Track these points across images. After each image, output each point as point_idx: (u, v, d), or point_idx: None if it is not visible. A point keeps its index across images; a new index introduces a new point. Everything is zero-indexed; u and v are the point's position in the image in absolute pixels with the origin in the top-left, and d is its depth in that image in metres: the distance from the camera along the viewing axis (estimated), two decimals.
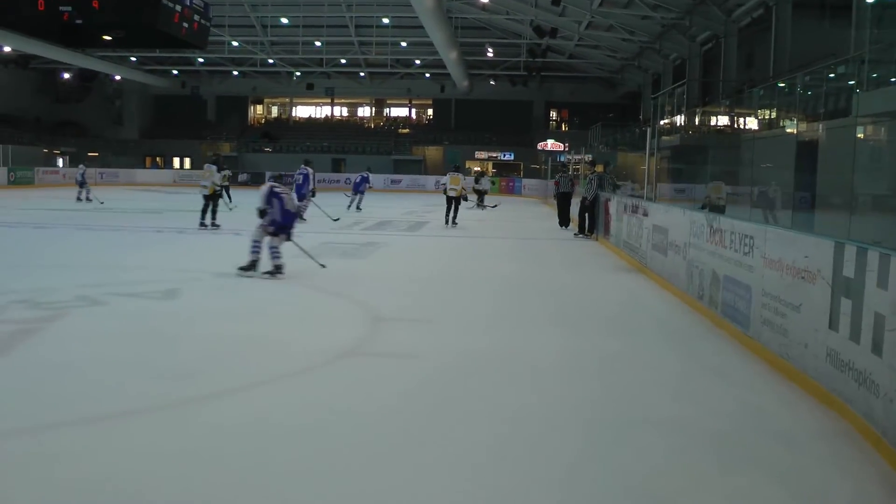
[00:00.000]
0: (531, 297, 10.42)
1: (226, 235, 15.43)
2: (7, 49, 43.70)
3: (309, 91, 54.79)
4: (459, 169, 23.31)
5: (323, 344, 7.22)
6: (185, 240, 14.57)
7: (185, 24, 11.87)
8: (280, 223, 11.02)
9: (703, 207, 12.03)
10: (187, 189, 26.62)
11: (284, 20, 43.77)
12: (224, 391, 5.71)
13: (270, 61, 50.44)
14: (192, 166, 53.32)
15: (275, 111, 61.87)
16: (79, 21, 10.94)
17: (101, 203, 26.04)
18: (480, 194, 29.76)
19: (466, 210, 23.32)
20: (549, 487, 4.12)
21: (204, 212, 17.87)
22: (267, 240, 11.09)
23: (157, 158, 56.33)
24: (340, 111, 61.01)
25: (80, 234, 17.27)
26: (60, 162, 51.86)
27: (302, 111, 61.08)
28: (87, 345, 7.01)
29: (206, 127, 57.06)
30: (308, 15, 43.61)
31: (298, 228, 12.07)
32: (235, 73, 54.56)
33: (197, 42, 12.72)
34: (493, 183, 38.03)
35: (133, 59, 50.94)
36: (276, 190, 11.12)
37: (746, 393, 5.95)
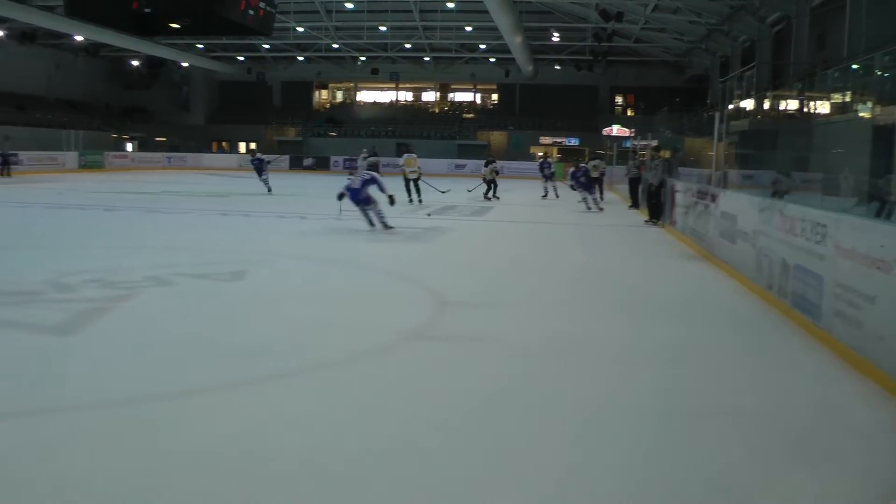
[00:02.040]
0: (595, 284, 10.33)
1: (292, 219, 15.59)
2: (79, 38, 44.56)
3: (373, 76, 54.95)
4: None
5: (389, 327, 7.26)
6: (251, 223, 14.75)
7: (251, 12, 11.98)
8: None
9: None
10: (253, 173, 27.05)
11: (349, 5, 43.88)
12: (289, 372, 5.78)
13: (335, 46, 50.67)
14: (258, 151, 53.87)
15: (339, 96, 62.16)
16: (147, 10, 11.12)
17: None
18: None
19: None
20: (621, 478, 4.06)
21: (409, 191, 21.92)
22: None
23: (223, 143, 57.04)
24: (405, 96, 61.11)
25: (150, 217, 17.61)
26: (129, 146, 52.94)
27: (367, 96, 61.28)
28: (156, 324, 7.18)
29: (271, 112, 57.58)
30: (372, 0, 43.70)
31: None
32: (300, 58, 54.89)
33: (262, 29, 12.83)
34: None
35: (200, 46, 51.56)
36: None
37: (818, 387, 5.82)
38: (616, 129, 48.35)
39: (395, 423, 4.79)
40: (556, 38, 46.52)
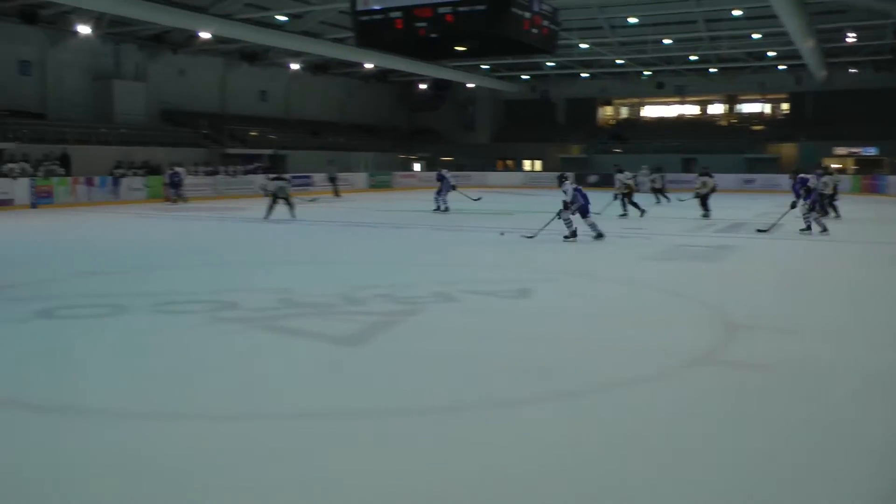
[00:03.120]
0: (892, 308, 9.50)
1: (582, 238, 15.59)
2: (368, 66, 47.27)
3: (658, 90, 54.07)
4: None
5: (676, 349, 7.06)
6: (537, 241, 14.92)
7: (535, 30, 12.15)
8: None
9: None
10: (538, 191, 27.34)
11: (633, 20, 43.40)
12: (576, 391, 5.81)
13: (619, 62, 50.37)
14: (543, 169, 54.62)
15: (624, 112, 61.74)
16: (434, 35, 11.58)
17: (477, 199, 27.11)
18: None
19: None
20: None
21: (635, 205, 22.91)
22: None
23: (508, 161, 58.23)
24: (691, 109, 59.65)
25: (435, 235, 18.30)
26: (417, 166, 55.46)
27: (652, 111, 60.46)
28: (441, 339, 7.47)
29: (555, 129, 58.16)
30: (656, 13, 43.01)
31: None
32: (584, 75, 55.02)
33: (546, 47, 12.99)
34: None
35: (485, 67, 52.98)
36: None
37: None
38: None
39: (678, 451, 4.65)
40: (851, 38, 43.47)
